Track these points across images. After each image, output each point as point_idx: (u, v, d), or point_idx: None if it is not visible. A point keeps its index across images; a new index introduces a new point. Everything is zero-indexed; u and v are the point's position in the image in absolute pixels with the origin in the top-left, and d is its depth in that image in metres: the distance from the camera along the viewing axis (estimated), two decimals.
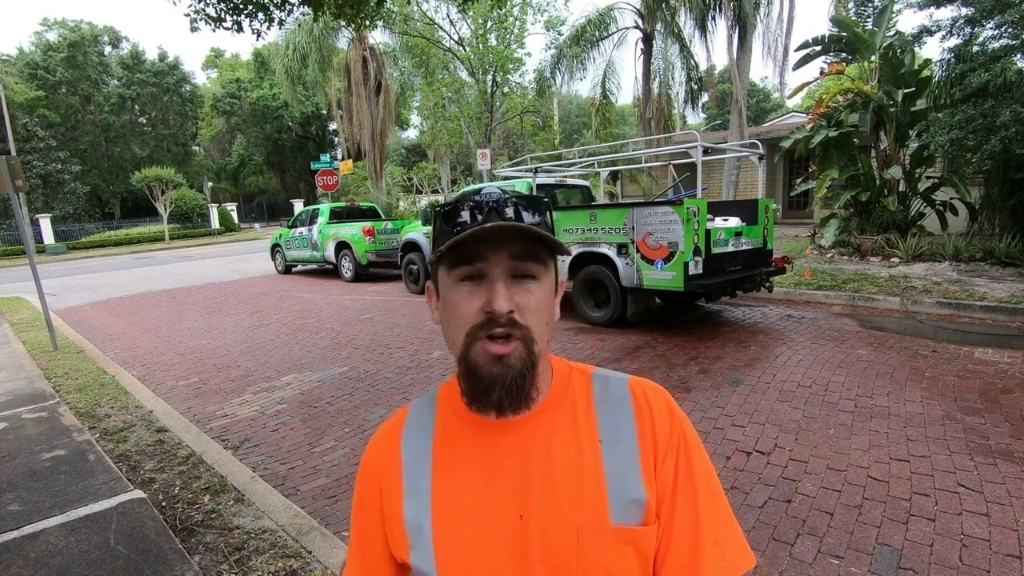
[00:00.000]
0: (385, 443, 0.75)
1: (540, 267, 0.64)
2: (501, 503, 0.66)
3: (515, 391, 0.63)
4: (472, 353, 0.63)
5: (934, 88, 8.41)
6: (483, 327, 0.62)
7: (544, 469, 0.66)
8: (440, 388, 0.76)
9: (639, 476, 0.66)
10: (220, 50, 50.92)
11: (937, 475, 2.68)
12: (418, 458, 0.71)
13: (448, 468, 0.69)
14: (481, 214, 0.63)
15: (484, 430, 0.69)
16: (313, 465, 3.19)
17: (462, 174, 28.60)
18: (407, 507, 0.69)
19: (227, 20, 4.69)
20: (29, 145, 28.58)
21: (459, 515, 0.67)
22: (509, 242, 0.62)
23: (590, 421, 0.69)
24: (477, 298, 0.62)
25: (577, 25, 16.88)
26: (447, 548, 0.66)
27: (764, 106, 43.46)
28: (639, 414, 0.69)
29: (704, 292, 5.38)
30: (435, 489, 0.69)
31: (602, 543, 0.63)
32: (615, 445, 0.67)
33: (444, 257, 0.64)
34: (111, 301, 10.04)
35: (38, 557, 2.26)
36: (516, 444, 0.67)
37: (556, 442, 0.67)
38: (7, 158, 5.88)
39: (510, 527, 0.65)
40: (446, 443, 0.71)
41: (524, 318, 0.62)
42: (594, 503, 0.64)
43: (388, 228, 10.93)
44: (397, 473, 0.72)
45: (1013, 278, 6.65)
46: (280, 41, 19.31)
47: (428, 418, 0.74)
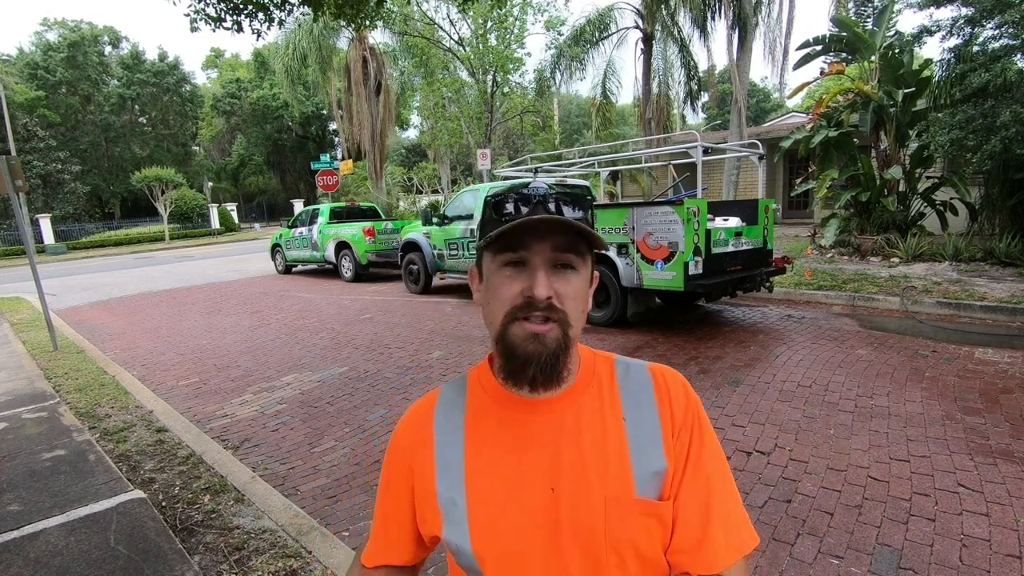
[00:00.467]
0: (416, 422, 0.78)
1: (579, 259, 0.69)
2: (533, 477, 0.69)
3: (549, 368, 0.67)
4: (510, 332, 0.67)
5: (934, 88, 8.41)
6: (522, 309, 0.67)
7: (573, 445, 0.70)
8: (469, 371, 0.80)
9: (660, 448, 0.71)
10: (220, 50, 50.94)
11: (937, 475, 2.67)
12: (450, 436, 0.75)
13: (480, 445, 0.73)
14: (528, 206, 0.67)
15: (516, 408, 0.72)
16: (313, 465, 3.19)
17: (462, 174, 28.59)
18: (440, 483, 0.73)
19: (227, 20, 4.68)
20: (29, 145, 28.58)
21: (492, 490, 0.70)
22: (552, 234, 0.66)
23: (614, 401, 0.74)
24: (518, 283, 0.67)
25: (577, 25, 16.89)
26: (481, 521, 0.70)
27: (764, 106, 43.46)
28: (659, 394, 0.74)
29: (704, 292, 5.38)
30: (468, 465, 0.72)
31: (627, 515, 0.68)
32: (638, 422, 0.72)
33: (491, 243, 0.68)
34: (111, 301, 10.04)
35: (38, 557, 2.26)
36: (546, 422, 0.71)
37: (584, 420, 0.71)
38: (7, 158, 5.88)
39: (542, 500, 0.68)
40: (478, 421, 0.74)
41: (562, 304, 0.67)
42: (620, 476, 0.69)
43: (388, 228, 10.93)
44: (429, 451, 0.75)
45: (1013, 278, 6.65)
46: (280, 41, 19.29)
47: (459, 398, 0.77)
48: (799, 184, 10.48)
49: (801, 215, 16.00)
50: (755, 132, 16.96)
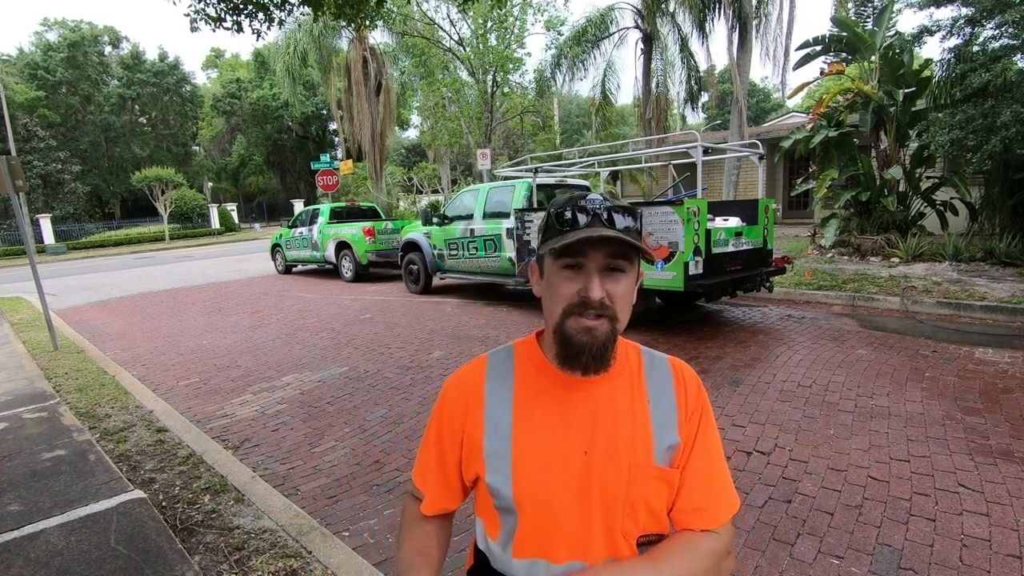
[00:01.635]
0: (469, 384, 0.90)
1: (628, 264, 0.80)
2: (571, 440, 0.82)
3: (600, 356, 0.80)
4: (566, 326, 0.80)
5: (934, 88, 8.41)
6: (578, 307, 0.78)
7: (607, 418, 0.83)
8: (515, 345, 0.93)
9: (675, 426, 0.86)
10: (220, 50, 50.93)
11: (937, 475, 2.67)
12: (500, 399, 0.87)
13: (527, 410, 0.85)
14: (587, 217, 0.78)
15: (561, 384, 0.85)
16: (313, 465, 3.19)
17: (462, 174, 28.58)
18: (487, 438, 0.85)
19: (227, 20, 4.68)
20: (29, 145, 28.58)
21: (536, 446, 0.83)
22: (606, 244, 0.77)
23: (641, 385, 0.88)
24: (575, 284, 0.79)
25: (577, 25, 16.87)
26: (523, 472, 0.82)
27: (764, 106, 43.44)
28: (677, 382, 0.89)
29: (704, 292, 5.38)
30: (516, 425, 0.84)
31: (645, 478, 0.82)
32: (659, 403, 0.87)
33: (554, 248, 0.78)
34: (111, 301, 10.04)
35: (38, 557, 2.26)
36: (586, 398, 0.84)
37: (617, 399, 0.85)
38: (7, 158, 5.88)
39: (577, 460, 0.81)
40: (526, 390, 0.87)
41: (612, 303, 0.78)
42: (643, 446, 0.83)
43: (388, 228, 10.92)
44: (479, 409, 0.87)
45: (1013, 278, 6.65)
46: (280, 41, 19.29)
47: (508, 368, 0.90)
48: (799, 184, 10.48)
49: (801, 215, 16.00)
50: (755, 132, 16.95)
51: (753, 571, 2.10)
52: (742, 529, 2.35)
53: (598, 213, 0.78)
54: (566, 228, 0.78)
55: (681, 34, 16.32)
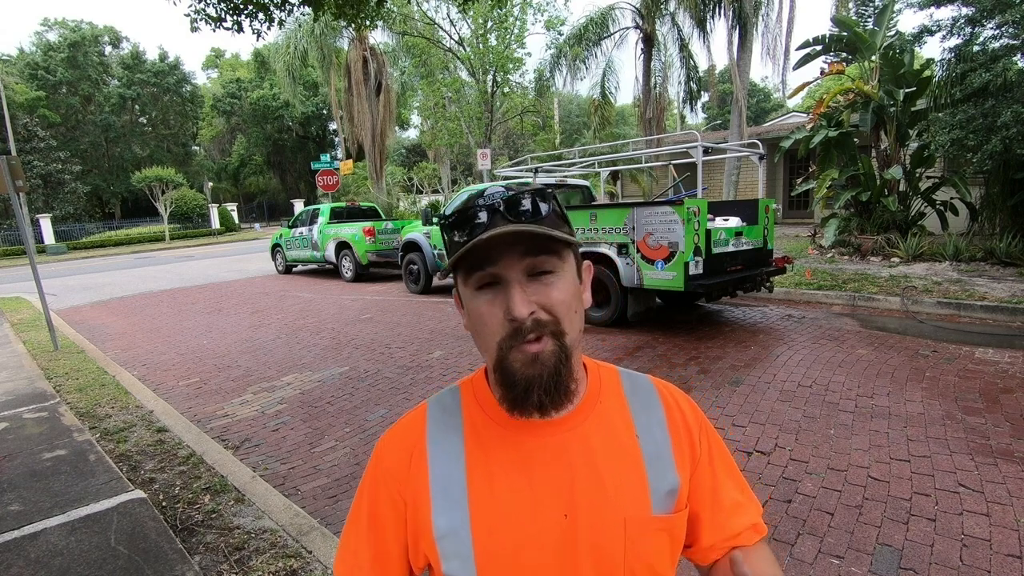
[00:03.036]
0: (405, 446, 0.70)
1: (555, 259, 0.62)
2: (545, 503, 0.64)
3: (554, 387, 0.62)
4: (508, 361, 0.61)
5: (935, 88, 8.41)
6: (512, 337, 0.60)
7: (588, 465, 0.66)
8: (461, 385, 0.74)
9: (672, 464, 0.69)
10: (220, 50, 50.95)
11: (938, 475, 2.67)
12: (449, 462, 0.67)
13: (485, 470, 0.66)
14: (487, 217, 0.61)
15: (521, 429, 0.67)
16: (313, 465, 3.19)
17: (462, 174, 28.61)
18: (437, 516, 0.65)
19: (227, 20, 4.69)
20: (30, 145, 28.57)
21: (501, 519, 0.64)
22: (518, 242, 0.60)
23: (625, 416, 0.71)
24: (498, 306, 0.61)
25: (577, 25, 16.88)
26: (489, 553, 0.64)
27: (764, 106, 43.45)
28: (667, 407, 0.73)
29: (704, 292, 5.38)
30: (472, 494, 0.65)
31: (645, 533, 0.66)
32: (650, 438, 0.70)
33: (459, 266, 0.62)
34: (111, 301, 10.04)
35: (39, 557, 2.26)
36: (557, 443, 0.66)
37: (596, 438, 0.68)
38: (7, 158, 5.88)
39: (555, 526, 0.64)
40: (480, 444, 0.67)
41: (550, 312, 0.61)
42: (638, 495, 0.67)
43: (388, 228, 10.93)
44: (424, 480, 0.67)
45: (1013, 278, 6.65)
46: (280, 41, 19.30)
47: (453, 417, 0.70)
48: (799, 184, 10.48)
49: (801, 215, 15.99)
50: (755, 132, 16.95)
51: None
52: None
53: (500, 209, 0.61)
54: (464, 239, 0.61)
55: (681, 34, 16.32)
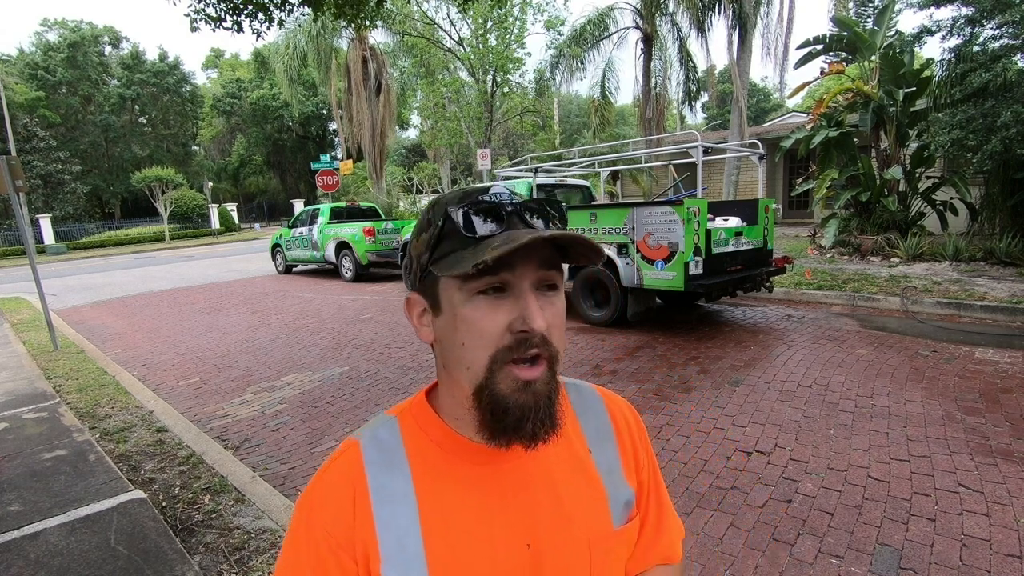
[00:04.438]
0: (345, 498, 0.59)
1: (559, 275, 0.58)
2: (506, 537, 0.59)
3: (548, 417, 0.56)
4: (498, 383, 0.54)
5: (934, 88, 8.41)
6: (513, 349, 0.54)
7: (548, 490, 0.62)
8: (398, 415, 0.65)
9: (622, 475, 0.68)
10: (220, 50, 50.95)
11: (937, 475, 2.67)
12: (396, 507, 0.59)
13: (439, 509, 0.59)
14: (500, 219, 0.56)
15: (475, 459, 0.61)
16: (314, 465, 3.19)
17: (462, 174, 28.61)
18: (387, 563, 0.57)
19: (227, 20, 4.68)
20: (29, 145, 28.57)
21: (460, 561, 0.58)
22: (536, 251, 0.54)
23: (576, 430, 0.68)
24: (503, 313, 0.54)
25: (577, 25, 16.90)
26: None
27: (764, 106, 43.45)
28: (614, 420, 0.71)
29: (704, 292, 5.38)
30: (427, 538, 0.58)
31: (608, 549, 0.64)
32: (601, 450, 0.68)
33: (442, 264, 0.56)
34: (111, 301, 10.04)
35: (38, 557, 2.26)
36: (512, 469, 0.61)
37: (553, 458, 0.63)
38: (7, 158, 5.88)
39: (519, 560, 0.59)
40: (430, 479, 0.60)
41: (551, 334, 0.56)
42: (599, 513, 0.64)
43: (388, 228, 10.93)
44: (371, 534, 0.58)
45: (1013, 278, 6.65)
46: (280, 41, 19.30)
47: (397, 456, 0.61)
48: (799, 184, 10.48)
49: (801, 215, 15.99)
50: (755, 132, 16.95)
51: (753, 571, 2.10)
52: (742, 529, 2.35)
53: (517, 211, 0.56)
54: (473, 236, 0.55)
55: (680, 34, 16.33)
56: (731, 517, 2.44)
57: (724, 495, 2.62)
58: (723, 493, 2.64)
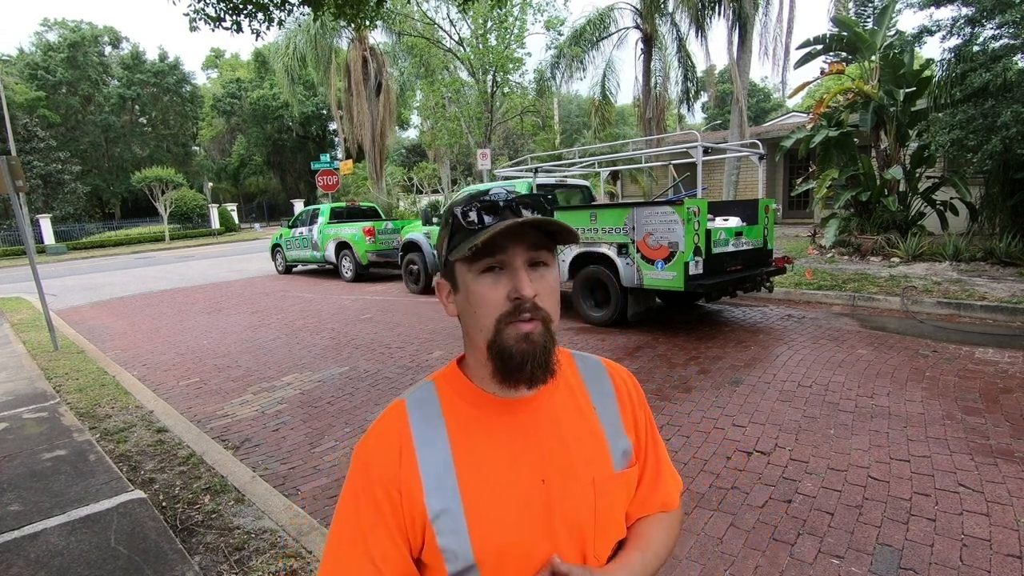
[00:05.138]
0: (393, 446, 0.75)
1: (549, 255, 0.74)
2: (524, 472, 0.73)
3: (544, 363, 0.71)
4: (504, 336, 0.70)
5: (935, 88, 8.41)
6: (512, 314, 0.70)
7: (556, 437, 0.76)
8: (434, 379, 0.81)
9: (622, 429, 0.83)
10: (220, 50, 50.94)
11: (937, 475, 2.67)
12: (435, 451, 0.74)
13: (468, 451, 0.74)
14: (496, 212, 0.71)
15: (497, 410, 0.76)
16: (313, 465, 3.19)
17: (462, 174, 28.61)
18: (430, 500, 0.71)
19: (227, 20, 4.69)
20: (29, 145, 28.57)
21: (488, 491, 0.72)
22: (527, 235, 0.70)
23: (582, 391, 0.83)
24: (501, 286, 0.70)
25: (577, 25, 16.87)
26: (480, 522, 0.71)
27: (764, 106, 43.44)
28: (616, 382, 0.86)
29: (704, 292, 5.38)
30: (460, 474, 0.73)
31: (610, 489, 0.77)
32: (604, 408, 0.83)
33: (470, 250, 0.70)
34: (111, 301, 10.04)
35: (38, 557, 2.26)
36: (526, 419, 0.76)
37: (560, 412, 0.78)
38: (7, 158, 5.88)
39: (535, 492, 0.73)
40: (462, 429, 0.75)
41: (542, 301, 0.71)
42: (600, 457, 0.78)
43: (388, 228, 10.93)
44: (415, 472, 0.73)
45: (1013, 278, 6.65)
46: (280, 41, 19.29)
47: (433, 408, 0.77)
48: (799, 184, 10.48)
49: (801, 215, 15.99)
50: (755, 132, 16.94)
51: (753, 571, 2.10)
52: (742, 529, 2.35)
53: (509, 205, 0.71)
54: (475, 228, 0.70)
55: (679, 34, 16.32)
56: (731, 517, 2.44)
57: (724, 495, 2.62)
58: (723, 493, 2.64)
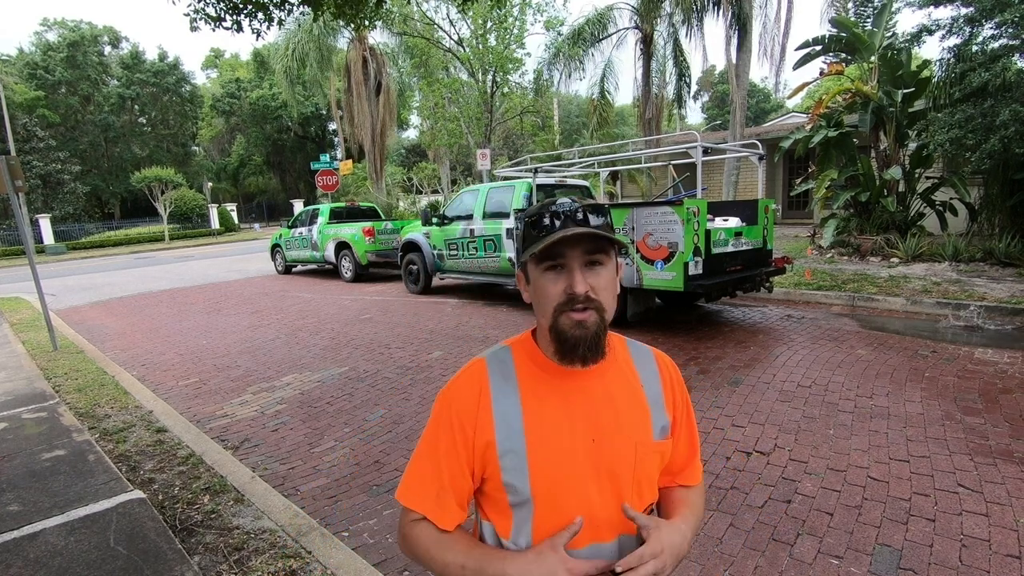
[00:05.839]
0: (473, 391, 0.91)
1: (605, 257, 0.87)
2: (578, 430, 0.88)
3: (595, 346, 0.86)
4: (559, 323, 0.85)
5: (934, 88, 8.41)
6: (566, 304, 0.84)
7: (608, 405, 0.91)
8: (510, 343, 0.97)
9: (663, 407, 0.97)
10: (220, 50, 50.92)
11: (937, 475, 2.68)
12: (507, 399, 0.90)
13: (536, 405, 0.89)
14: (559, 220, 0.84)
15: (562, 377, 0.90)
16: (313, 465, 3.19)
17: (462, 174, 28.59)
18: (500, 438, 0.87)
19: (227, 20, 4.68)
20: (29, 145, 28.54)
21: (548, 439, 0.87)
22: (582, 241, 0.83)
23: (632, 370, 0.97)
24: (560, 283, 0.85)
25: (576, 25, 16.86)
26: (539, 464, 0.86)
27: (764, 106, 43.42)
28: (661, 368, 1.00)
29: (704, 292, 5.38)
30: (527, 421, 0.88)
31: (648, 454, 0.92)
32: (650, 386, 0.97)
33: (535, 255, 0.85)
34: (111, 301, 10.03)
35: (38, 557, 2.26)
36: (585, 388, 0.91)
37: (614, 385, 0.93)
38: (7, 158, 5.87)
39: (586, 447, 0.88)
40: (530, 387, 0.91)
41: (596, 295, 0.85)
42: (643, 427, 0.93)
43: (388, 228, 10.92)
44: (488, 413, 0.89)
45: (1012, 278, 6.66)
46: (280, 41, 19.28)
47: (509, 369, 0.93)
48: (799, 184, 10.48)
49: (801, 215, 15.99)
50: (755, 132, 16.95)
51: (753, 571, 2.10)
52: (742, 529, 2.35)
53: (570, 215, 0.84)
54: (543, 234, 0.84)
55: (677, 34, 16.32)
56: (730, 517, 2.44)
57: (724, 495, 2.62)
58: (723, 493, 2.64)
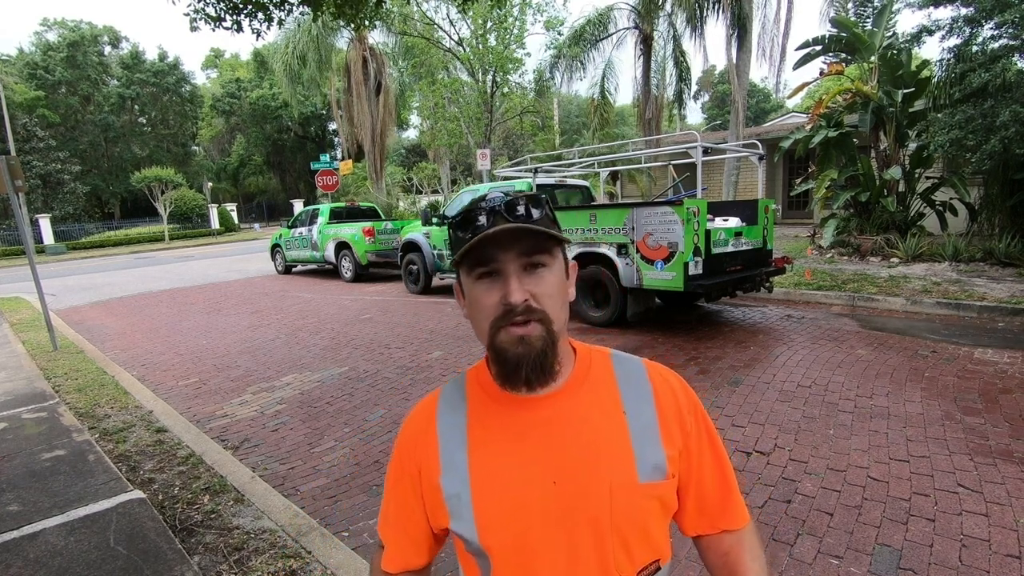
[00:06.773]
0: (421, 422, 0.82)
1: (548, 256, 0.72)
2: (534, 471, 0.73)
3: (539, 366, 0.71)
4: (498, 340, 0.71)
5: (934, 88, 8.41)
6: (504, 317, 0.70)
7: (575, 438, 0.74)
8: (468, 372, 0.84)
9: (658, 440, 0.76)
10: (220, 50, 50.95)
11: (937, 475, 2.68)
12: (453, 435, 0.78)
13: (483, 442, 0.76)
14: (488, 218, 0.71)
15: (515, 406, 0.76)
16: (313, 465, 3.19)
17: (462, 174, 28.59)
18: (444, 480, 0.76)
19: (227, 20, 4.68)
20: (29, 145, 28.55)
21: (495, 485, 0.74)
22: (516, 240, 0.69)
23: (613, 394, 0.78)
24: (495, 292, 0.70)
25: (576, 26, 16.87)
26: (485, 515, 0.73)
27: (764, 106, 43.42)
28: (656, 387, 0.80)
29: (704, 292, 5.38)
30: (471, 462, 0.75)
31: (632, 498, 0.73)
32: (637, 414, 0.77)
33: (463, 260, 0.72)
34: (111, 301, 10.03)
35: (38, 557, 2.26)
36: (546, 418, 0.75)
37: (583, 413, 0.76)
38: (7, 158, 5.87)
39: (543, 492, 0.72)
40: (479, 420, 0.77)
41: (539, 303, 0.70)
42: (623, 464, 0.74)
43: (388, 228, 10.93)
44: (434, 449, 0.78)
45: (1012, 278, 6.66)
46: (280, 41, 19.28)
47: (459, 399, 0.81)
48: (799, 184, 10.48)
49: (801, 215, 15.99)
50: (755, 132, 16.95)
51: None
52: None
53: (499, 210, 0.70)
54: (469, 235, 0.70)
55: (676, 34, 16.33)
56: None
57: None
58: None
